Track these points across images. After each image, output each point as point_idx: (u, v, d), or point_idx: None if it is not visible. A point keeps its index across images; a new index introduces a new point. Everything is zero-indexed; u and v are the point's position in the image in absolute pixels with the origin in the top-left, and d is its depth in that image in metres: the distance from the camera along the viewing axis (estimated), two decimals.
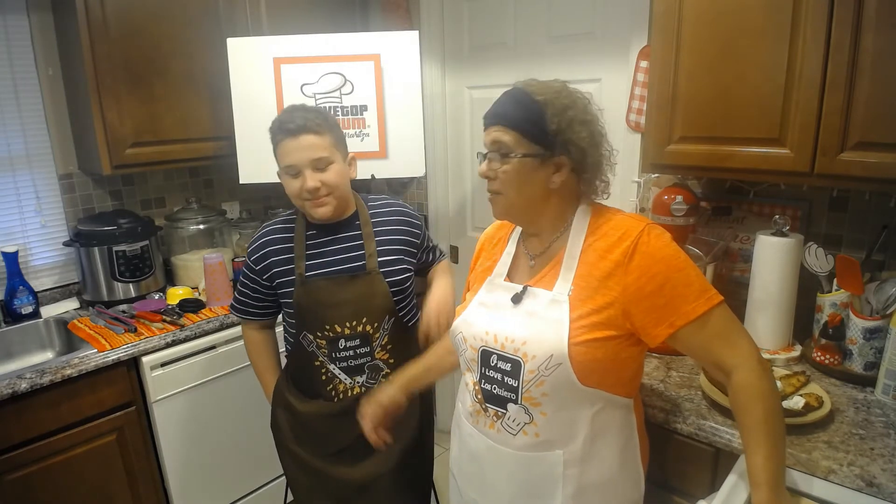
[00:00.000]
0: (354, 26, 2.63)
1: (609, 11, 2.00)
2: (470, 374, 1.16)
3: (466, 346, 1.15)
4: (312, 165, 1.38)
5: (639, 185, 1.98)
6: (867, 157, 1.25)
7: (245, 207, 2.66)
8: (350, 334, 1.45)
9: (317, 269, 1.47)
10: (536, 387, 1.04)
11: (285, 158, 1.39)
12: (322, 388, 1.50)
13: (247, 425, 2.16)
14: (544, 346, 1.02)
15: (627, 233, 1.04)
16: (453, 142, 2.64)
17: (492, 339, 1.10)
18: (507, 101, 1.07)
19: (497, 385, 1.09)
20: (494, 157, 1.06)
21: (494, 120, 1.07)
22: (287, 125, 1.37)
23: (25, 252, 2.13)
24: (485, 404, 1.12)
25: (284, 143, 1.38)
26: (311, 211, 1.43)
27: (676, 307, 1.00)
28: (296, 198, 1.43)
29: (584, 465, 1.07)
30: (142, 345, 1.86)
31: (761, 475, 0.93)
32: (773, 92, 1.36)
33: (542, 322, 1.05)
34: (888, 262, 1.51)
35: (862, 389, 1.42)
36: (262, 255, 1.51)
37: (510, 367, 1.07)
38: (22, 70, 2.05)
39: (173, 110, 2.12)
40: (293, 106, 1.44)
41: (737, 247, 1.80)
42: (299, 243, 1.48)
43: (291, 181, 1.41)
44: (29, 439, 1.67)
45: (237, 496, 2.20)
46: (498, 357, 1.09)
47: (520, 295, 1.10)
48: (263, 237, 1.53)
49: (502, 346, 1.08)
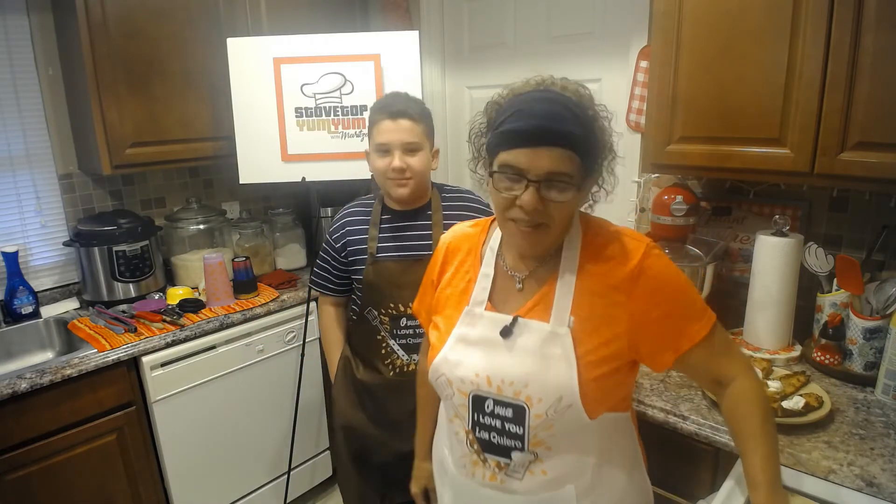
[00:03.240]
0: (354, 26, 2.63)
1: (609, 11, 2.00)
2: (459, 420, 1.02)
3: (452, 390, 1.01)
4: (403, 147, 1.49)
5: (639, 185, 1.98)
6: (867, 157, 1.25)
7: (245, 207, 2.66)
8: (412, 314, 1.49)
9: (387, 251, 1.57)
10: (545, 430, 0.94)
11: (380, 136, 1.49)
12: (380, 362, 1.60)
13: (247, 425, 2.16)
14: (551, 387, 0.92)
15: (629, 255, 0.95)
16: (453, 142, 2.64)
17: (483, 381, 0.96)
18: (564, 113, 0.86)
19: (496, 433, 0.97)
20: (552, 188, 0.87)
21: (554, 139, 0.86)
22: (390, 107, 1.49)
23: (25, 252, 2.13)
24: (483, 454, 1.00)
25: (383, 122, 1.49)
26: (391, 190, 1.53)
27: (682, 331, 0.95)
28: (381, 175, 1.53)
29: (597, 491, 1.01)
30: (142, 345, 1.86)
31: (760, 475, 0.93)
32: (773, 92, 1.36)
33: (544, 360, 0.93)
34: (888, 262, 1.51)
35: (862, 389, 1.42)
36: (342, 233, 1.63)
37: (512, 413, 0.95)
38: (22, 70, 2.05)
39: (173, 110, 2.12)
40: (396, 92, 1.56)
41: (737, 247, 1.80)
42: (374, 225, 1.60)
43: (380, 159, 1.51)
44: (29, 439, 1.67)
45: (237, 496, 2.20)
46: (495, 402, 0.96)
47: (510, 328, 0.96)
48: (345, 217, 1.65)
49: (499, 390, 0.95)
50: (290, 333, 2.25)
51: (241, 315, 2.09)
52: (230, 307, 2.12)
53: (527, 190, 0.87)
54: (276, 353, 2.21)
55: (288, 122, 2.18)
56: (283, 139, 2.19)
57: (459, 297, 1.05)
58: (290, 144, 2.20)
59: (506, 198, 0.90)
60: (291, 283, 2.38)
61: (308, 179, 2.20)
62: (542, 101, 0.87)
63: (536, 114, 0.86)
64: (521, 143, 0.86)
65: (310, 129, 2.19)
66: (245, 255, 2.30)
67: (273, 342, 2.20)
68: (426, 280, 1.18)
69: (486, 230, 1.09)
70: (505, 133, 0.88)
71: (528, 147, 0.86)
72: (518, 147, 0.86)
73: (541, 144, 0.85)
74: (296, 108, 2.18)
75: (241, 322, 2.09)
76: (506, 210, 0.91)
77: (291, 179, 2.21)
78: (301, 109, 2.18)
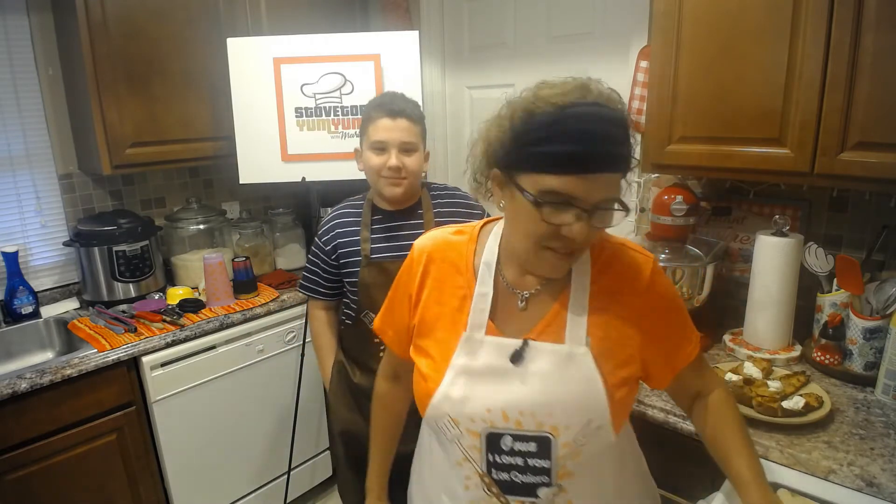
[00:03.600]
0: (354, 26, 2.63)
1: (609, 11, 2.00)
2: (470, 464, 0.91)
3: (460, 430, 0.89)
4: (400, 147, 1.49)
5: (639, 185, 1.98)
6: (867, 157, 1.25)
7: (245, 207, 2.66)
8: None
9: (381, 252, 1.56)
10: (573, 459, 0.87)
11: (378, 134, 1.48)
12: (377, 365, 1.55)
13: (247, 425, 2.16)
14: (579, 411, 0.85)
15: (639, 271, 0.91)
16: (453, 142, 2.64)
17: (498, 417, 0.86)
18: (620, 134, 0.77)
19: (518, 471, 0.88)
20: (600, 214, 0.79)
21: (612, 165, 0.77)
22: (389, 105, 1.49)
23: (25, 252, 2.13)
24: (503, 497, 0.91)
25: (381, 120, 1.48)
26: (384, 189, 1.52)
27: (681, 348, 0.94)
28: (375, 173, 1.51)
29: None
30: (142, 345, 1.86)
31: (748, 474, 0.92)
32: (773, 92, 1.36)
33: (565, 384, 0.86)
34: (888, 262, 1.51)
35: (862, 389, 1.42)
36: (332, 235, 1.61)
37: (536, 446, 0.86)
38: (22, 70, 2.05)
39: (173, 110, 2.12)
40: (394, 92, 1.56)
41: (737, 247, 1.80)
42: (365, 226, 1.58)
43: (375, 156, 1.50)
44: (29, 439, 1.67)
45: (237, 496, 2.20)
46: (513, 438, 0.87)
47: (520, 353, 0.87)
48: (334, 219, 1.62)
49: (518, 424, 0.86)
50: (290, 333, 2.25)
51: (241, 315, 2.09)
52: (230, 307, 2.12)
53: (579, 221, 0.77)
54: (276, 353, 2.21)
55: (288, 122, 2.18)
56: (283, 139, 2.19)
57: (452, 319, 0.92)
58: (290, 144, 2.20)
59: (549, 227, 0.79)
60: (291, 283, 2.38)
61: (308, 179, 2.20)
62: (596, 121, 0.75)
63: (594, 136, 0.74)
64: (575, 170, 0.75)
65: (310, 129, 2.19)
66: (245, 255, 2.30)
67: (273, 342, 2.20)
68: (399, 294, 1.02)
69: (474, 240, 0.96)
70: (551, 155, 0.76)
71: (585, 174, 0.75)
72: (571, 173, 0.75)
73: (598, 171, 0.76)
74: (296, 108, 2.18)
75: (241, 322, 2.09)
76: (547, 239, 0.81)
77: (291, 179, 2.21)
78: (301, 109, 2.18)
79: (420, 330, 0.96)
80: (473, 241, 0.96)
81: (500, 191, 0.86)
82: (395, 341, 1.06)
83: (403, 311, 1.00)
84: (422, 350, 0.96)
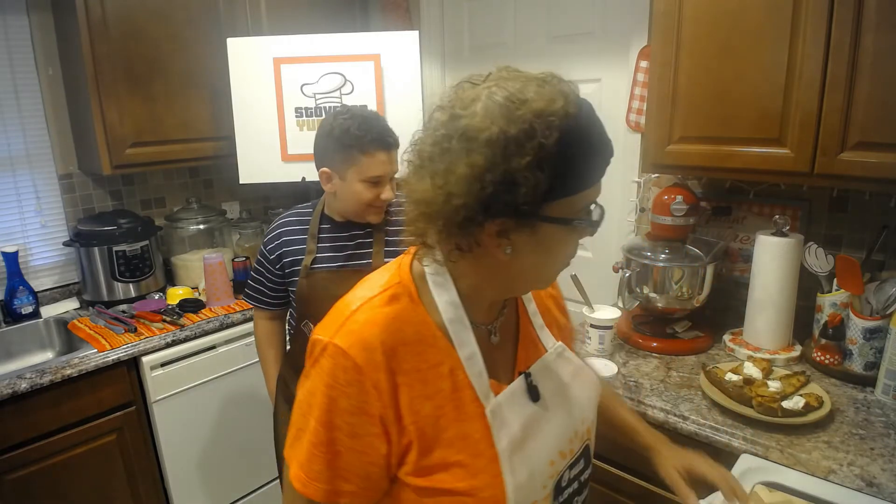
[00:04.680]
0: (354, 26, 2.63)
1: (609, 11, 2.00)
2: None
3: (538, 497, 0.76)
4: (391, 178, 1.46)
5: (639, 185, 1.98)
6: (867, 157, 1.25)
7: (245, 207, 2.66)
8: None
9: (325, 262, 1.52)
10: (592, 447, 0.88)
11: (377, 168, 1.41)
12: None
13: (247, 425, 2.16)
14: (591, 399, 0.87)
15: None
16: None
17: (558, 459, 0.78)
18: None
19: (577, 494, 0.84)
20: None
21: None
22: (387, 138, 1.42)
23: (25, 252, 2.13)
24: None
25: (378, 153, 1.41)
26: (370, 217, 1.49)
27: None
28: (367, 204, 1.46)
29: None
30: (142, 345, 1.86)
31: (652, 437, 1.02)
32: (773, 92, 1.36)
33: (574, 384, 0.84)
34: (888, 262, 1.51)
35: (862, 389, 1.42)
36: (277, 244, 1.56)
37: (583, 462, 0.83)
38: (22, 70, 2.05)
39: (173, 110, 2.12)
40: (377, 117, 1.46)
41: (737, 247, 1.80)
42: (312, 237, 1.54)
43: (368, 189, 1.43)
44: (29, 439, 1.67)
45: (237, 496, 2.20)
46: (569, 468, 0.80)
47: (534, 388, 0.78)
48: (280, 227, 1.58)
49: (571, 452, 0.80)
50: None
51: (241, 315, 2.09)
52: (230, 307, 2.12)
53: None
54: None
55: (288, 122, 2.18)
56: (283, 139, 2.19)
57: (454, 405, 0.73)
58: (290, 144, 2.20)
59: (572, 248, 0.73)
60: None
61: (308, 179, 2.20)
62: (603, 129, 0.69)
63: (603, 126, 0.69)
64: (599, 177, 0.70)
65: (310, 129, 2.19)
66: (245, 255, 2.30)
67: None
68: (356, 428, 0.70)
69: (416, 300, 0.74)
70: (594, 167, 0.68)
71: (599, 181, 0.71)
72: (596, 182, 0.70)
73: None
74: (296, 108, 2.18)
75: (241, 322, 2.09)
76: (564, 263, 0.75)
77: (291, 179, 2.21)
78: (301, 109, 2.18)
79: (423, 446, 0.71)
80: (415, 301, 0.74)
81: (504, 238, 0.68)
82: (362, 493, 0.72)
83: (374, 445, 0.70)
84: (438, 466, 0.72)
